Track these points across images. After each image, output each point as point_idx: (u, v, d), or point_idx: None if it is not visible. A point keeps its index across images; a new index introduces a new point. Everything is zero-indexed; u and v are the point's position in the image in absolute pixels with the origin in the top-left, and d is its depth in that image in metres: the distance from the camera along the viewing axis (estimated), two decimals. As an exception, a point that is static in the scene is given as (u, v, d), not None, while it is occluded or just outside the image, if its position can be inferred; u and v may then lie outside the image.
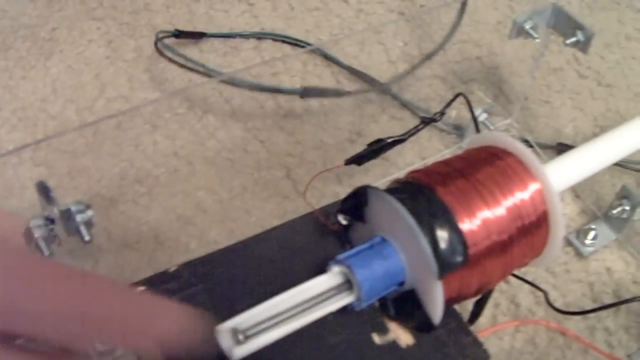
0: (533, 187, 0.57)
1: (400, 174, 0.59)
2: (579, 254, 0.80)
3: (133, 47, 0.95)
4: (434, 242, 0.51)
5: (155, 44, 0.90)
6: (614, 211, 0.80)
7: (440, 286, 0.51)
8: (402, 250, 0.53)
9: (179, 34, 0.93)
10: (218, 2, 1.02)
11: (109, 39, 0.96)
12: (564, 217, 0.81)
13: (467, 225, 0.53)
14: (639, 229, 0.82)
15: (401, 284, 0.55)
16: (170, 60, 0.89)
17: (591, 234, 0.80)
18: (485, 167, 0.57)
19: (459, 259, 0.52)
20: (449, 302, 0.55)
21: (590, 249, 0.80)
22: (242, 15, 1.00)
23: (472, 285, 0.55)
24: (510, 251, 0.56)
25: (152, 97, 0.89)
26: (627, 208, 0.80)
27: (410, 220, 0.51)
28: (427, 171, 0.58)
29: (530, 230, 0.57)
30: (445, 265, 0.51)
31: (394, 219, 0.53)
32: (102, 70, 0.92)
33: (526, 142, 0.88)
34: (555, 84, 0.97)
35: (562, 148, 0.87)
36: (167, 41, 0.92)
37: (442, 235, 0.51)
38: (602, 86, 0.98)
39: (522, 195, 0.56)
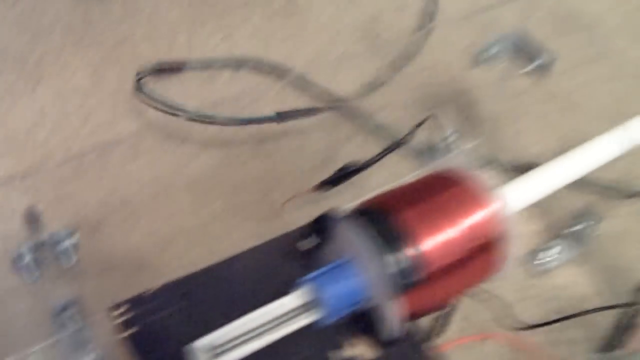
0: (486, 210, 0.61)
1: (371, 194, 0.63)
2: (537, 271, 0.83)
3: (116, 75, 0.98)
4: (389, 264, 0.55)
5: (135, 85, 0.94)
6: (572, 229, 0.84)
7: (396, 304, 0.55)
8: (363, 270, 0.57)
9: (158, 70, 0.97)
10: (199, 29, 1.05)
11: (94, 68, 0.99)
12: (523, 235, 0.85)
13: (422, 246, 0.57)
14: (596, 246, 0.85)
15: (363, 301, 0.58)
16: (147, 103, 0.92)
17: (550, 252, 0.84)
18: (442, 192, 0.61)
19: (413, 278, 0.56)
20: (410, 318, 0.59)
21: (549, 266, 0.83)
22: (221, 42, 1.04)
23: (429, 302, 0.59)
24: (465, 270, 0.60)
25: (135, 124, 0.92)
26: (584, 226, 0.84)
27: (367, 244, 0.55)
28: (387, 195, 0.62)
29: (485, 250, 0.61)
30: (400, 285, 0.55)
31: (354, 242, 0.57)
32: (86, 98, 0.95)
33: (492, 163, 0.92)
34: (522, 105, 1.00)
35: (527, 168, 0.91)
36: (147, 78, 0.96)
37: (397, 257, 0.56)
38: (568, 107, 1.02)
39: (475, 218, 0.60)
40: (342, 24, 1.09)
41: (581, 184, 0.90)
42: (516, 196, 0.66)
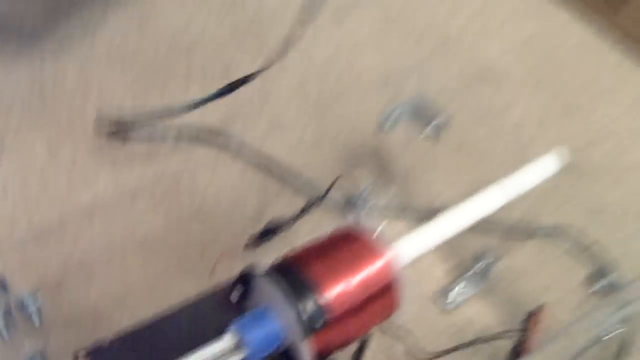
0: (382, 261, 0.73)
1: (286, 251, 0.75)
2: (447, 307, 0.95)
3: (70, 147, 1.08)
4: (299, 311, 0.67)
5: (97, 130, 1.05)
6: (475, 268, 0.97)
7: (306, 345, 0.68)
8: (279, 317, 0.70)
9: (113, 127, 1.08)
10: (143, 101, 1.16)
11: (50, 142, 1.08)
12: (433, 275, 0.98)
13: (327, 295, 0.69)
14: (498, 282, 0.98)
15: (281, 342, 0.70)
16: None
17: (457, 289, 0.96)
18: (344, 247, 0.74)
19: (321, 322, 0.68)
20: (323, 354, 0.72)
21: (457, 301, 0.96)
22: (164, 111, 1.15)
23: (337, 340, 0.72)
24: (367, 312, 0.73)
25: (89, 191, 1.03)
26: (486, 265, 0.96)
27: (281, 295, 0.68)
28: (299, 252, 0.74)
29: (382, 294, 0.73)
30: (307, 330, 0.68)
31: (271, 293, 0.69)
32: (45, 171, 1.04)
33: (406, 211, 1.04)
34: (431, 157, 1.13)
35: (435, 215, 1.03)
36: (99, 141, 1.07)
37: (306, 305, 0.68)
38: (476, 156, 1.15)
39: (372, 268, 0.73)
40: (274, 88, 1.21)
41: (488, 226, 1.02)
42: (409, 247, 0.78)
